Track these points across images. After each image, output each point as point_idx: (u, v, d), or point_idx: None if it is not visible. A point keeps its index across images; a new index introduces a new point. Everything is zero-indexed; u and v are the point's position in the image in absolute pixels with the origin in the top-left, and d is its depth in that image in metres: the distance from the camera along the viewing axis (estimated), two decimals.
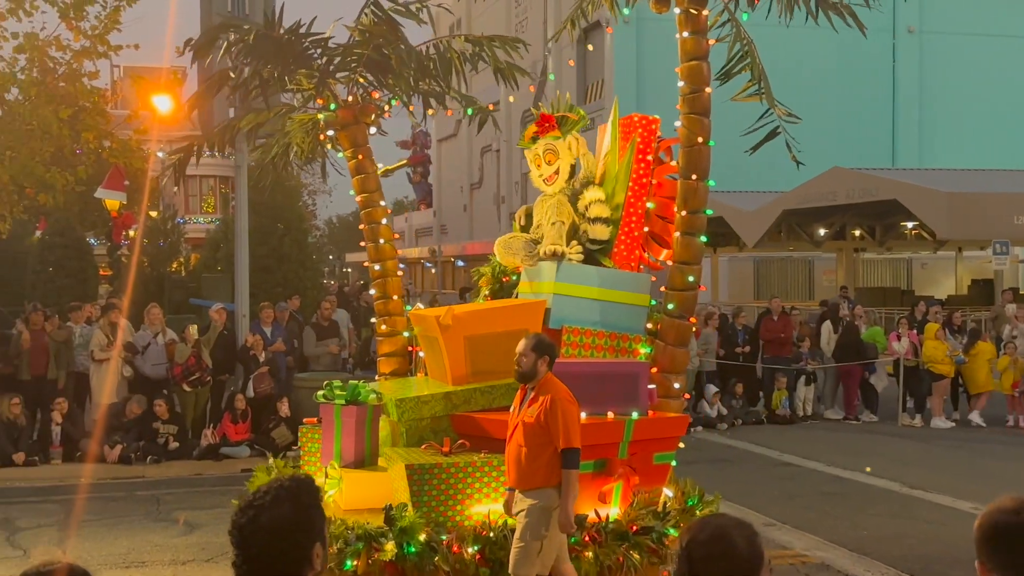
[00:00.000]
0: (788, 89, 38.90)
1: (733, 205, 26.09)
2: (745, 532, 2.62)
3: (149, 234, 27.35)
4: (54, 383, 14.20)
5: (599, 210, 8.12)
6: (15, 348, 14.31)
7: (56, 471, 12.68)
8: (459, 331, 7.54)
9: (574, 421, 6.16)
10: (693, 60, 7.73)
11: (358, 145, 9.03)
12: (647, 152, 8.33)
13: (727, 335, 17.42)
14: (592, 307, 7.84)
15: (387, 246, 9.15)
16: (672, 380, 7.77)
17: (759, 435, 15.70)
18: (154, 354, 14.27)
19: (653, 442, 7.31)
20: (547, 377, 6.28)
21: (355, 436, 7.77)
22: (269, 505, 2.72)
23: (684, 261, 7.77)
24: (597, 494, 6.95)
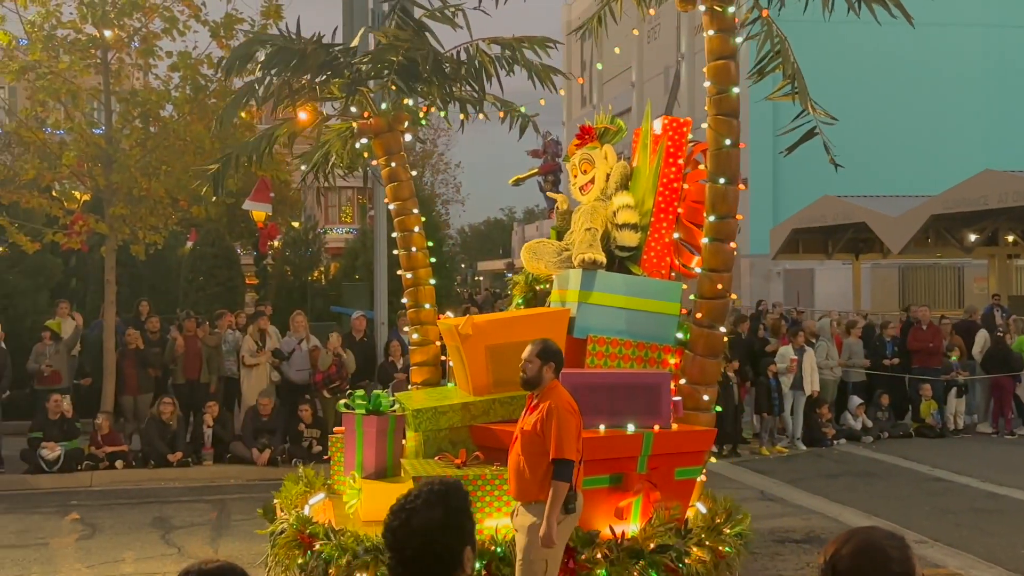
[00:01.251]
0: (933, 89, 37.24)
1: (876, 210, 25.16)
2: (896, 544, 2.46)
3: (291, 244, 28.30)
4: (206, 387, 14.86)
5: (627, 216, 7.96)
6: (170, 353, 15.02)
7: (207, 472, 13.21)
8: (480, 340, 7.35)
9: (569, 431, 5.80)
10: (720, 60, 7.45)
11: (391, 152, 8.98)
12: (678, 156, 8.10)
13: (873, 346, 16.85)
14: (618, 316, 7.56)
15: (419, 254, 9.05)
16: (701, 392, 7.47)
17: (907, 448, 15.10)
18: (299, 360, 14.74)
19: (675, 456, 6.97)
20: (551, 384, 6.01)
21: (376, 446, 7.70)
22: (421, 508, 2.74)
23: (713, 268, 7.50)
24: (613, 510, 6.67)
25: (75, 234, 14.75)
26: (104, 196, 14.62)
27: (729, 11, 7.39)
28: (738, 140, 7.47)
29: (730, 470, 13.73)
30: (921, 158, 34.94)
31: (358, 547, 6.54)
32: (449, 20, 8.93)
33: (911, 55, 35.28)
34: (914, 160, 35.79)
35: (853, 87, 35.50)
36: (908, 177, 34.40)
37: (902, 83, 35.59)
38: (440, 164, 46.20)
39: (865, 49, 34.82)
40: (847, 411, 16.02)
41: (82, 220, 14.62)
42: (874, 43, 34.90)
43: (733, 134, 7.40)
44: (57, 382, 14.14)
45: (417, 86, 8.68)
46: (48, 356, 14.21)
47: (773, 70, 8.21)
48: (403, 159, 9.07)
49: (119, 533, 10.18)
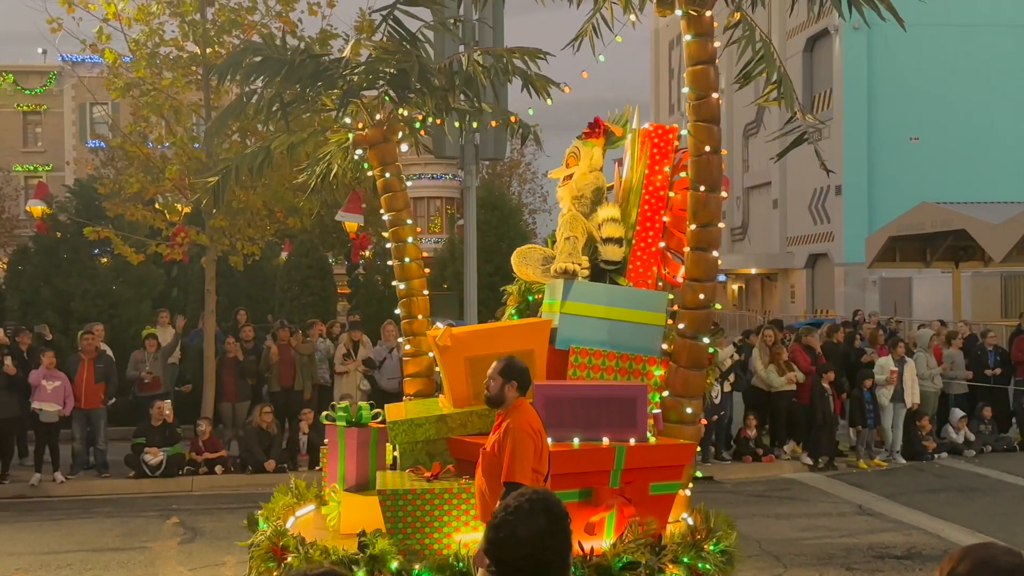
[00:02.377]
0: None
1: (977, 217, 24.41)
2: (1014, 561, 2.37)
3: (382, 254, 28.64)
4: (300, 394, 15.16)
5: (611, 230, 7.79)
6: (265, 362, 15.37)
7: (303, 478, 13.43)
8: (459, 352, 7.19)
9: (524, 454, 5.54)
10: (698, 64, 7.24)
11: (386, 163, 8.92)
12: (664, 163, 7.87)
13: (974, 356, 16.32)
14: (601, 326, 7.36)
15: (413, 265, 8.95)
16: (685, 404, 7.24)
17: (1011, 463, 14.57)
18: (390, 368, 14.92)
19: (651, 471, 6.74)
20: (516, 403, 5.77)
21: (357, 459, 7.59)
22: (524, 517, 2.75)
23: (695, 278, 7.29)
24: (583, 525, 6.45)
25: (177, 245, 15.24)
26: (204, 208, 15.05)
27: (706, 15, 7.22)
28: (719, 147, 7.29)
29: (826, 483, 13.44)
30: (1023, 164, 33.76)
31: (325, 560, 6.44)
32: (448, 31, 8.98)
33: (1013, 60, 34.13)
34: (1016, 166, 34.59)
35: (953, 92, 34.52)
36: (1010, 183, 33.27)
37: (1004, 88, 34.45)
38: (527, 174, 46.32)
39: (966, 54, 33.85)
40: (948, 424, 15.55)
41: (183, 232, 15.09)
42: (976, 48, 33.88)
43: (713, 140, 7.22)
44: (157, 388, 14.59)
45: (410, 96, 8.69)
46: (148, 363, 14.66)
47: (759, 75, 8.00)
48: (398, 169, 8.99)
49: (219, 537, 10.43)
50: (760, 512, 11.68)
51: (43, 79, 48.12)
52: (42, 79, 48.18)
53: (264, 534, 7.06)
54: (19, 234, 34.50)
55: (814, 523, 11.15)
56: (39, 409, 13.05)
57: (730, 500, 12.37)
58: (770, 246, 40.72)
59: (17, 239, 32.82)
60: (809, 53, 37.97)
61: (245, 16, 14.33)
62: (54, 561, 9.56)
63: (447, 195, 48.79)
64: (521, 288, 8.50)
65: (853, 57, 34.95)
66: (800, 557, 9.62)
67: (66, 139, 47.93)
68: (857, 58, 34.91)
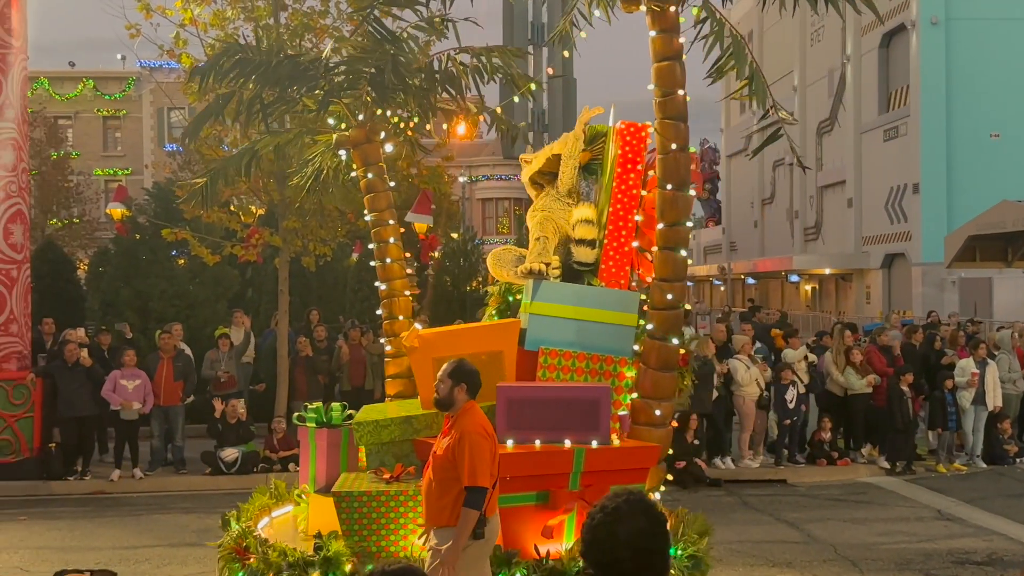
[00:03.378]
0: None
1: None
2: None
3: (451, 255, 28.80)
4: (371, 393, 15.31)
5: (583, 231, 7.70)
6: (336, 361, 15.56)
7: None
8: (427, 353, 7.16)
9: (482, 458, 5.55)
10: (664, 61, 7.10)
11: (369, 163, 8.90)
12: (637, 162, 7.71)
13: None
14: (570, 327, 7.25)
15: (395, 265, 8.94)
16: (654, 407, 7.08)
17: None
18: None
19: (613, 473, 6.59)
20: (466, 407, 5.74)
21: (328, 460, 7.54)
22: (625, 518, 2.71)
23: (663, 277, 7.16)
24: (540, 528, 6.38)
25: (251, 247, 15.50)
26: (278, 210, 15.29)
27: (671, 10, 7.10)
28: (686, 145, 7.17)
29: (904, 487, 13.14)
30: None
31: (282, 561, 6.45)
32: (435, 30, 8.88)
33: None
34: None
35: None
36: None
37: None
38: None
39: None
40: None
41: (258, 233, 15.34)
42: None
43: (680, 138, 7.10)
44: (232, 387, 14.85)
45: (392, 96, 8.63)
46: (223, 363, 14.94)
47: (730, 70, 7.84)
48: (381, 170, 8.98)
49: None
50: (835, 516, 11.47)
51: (122, 84, 49.39)
52: (121, 84, 49.45)
53: (231, 535, 7.07)
54: (99, 236, 35.46)
55: (892, 528, 10.90)
56: (120, 407, 13.39)
57: (804, 504, 12.17)
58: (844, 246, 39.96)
59: (98, 241, 33.75)
60: (885, 49, 37.17)
61: (317, 20, 14.53)
62: (133, 556, 9.78)
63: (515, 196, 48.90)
64: (502, 289, 8.44)
65: (930, 53, 34.13)
66: (877, 563, 9.42)
67: (144, 143, 49.13)
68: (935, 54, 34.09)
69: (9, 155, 13.63)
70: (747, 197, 52.93)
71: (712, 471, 13.52)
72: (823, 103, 42.07)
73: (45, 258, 19.12)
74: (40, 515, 11.61)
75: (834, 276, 42.15)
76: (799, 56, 44.57)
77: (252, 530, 7.02)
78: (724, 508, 11.83)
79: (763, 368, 14.20)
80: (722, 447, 14.08)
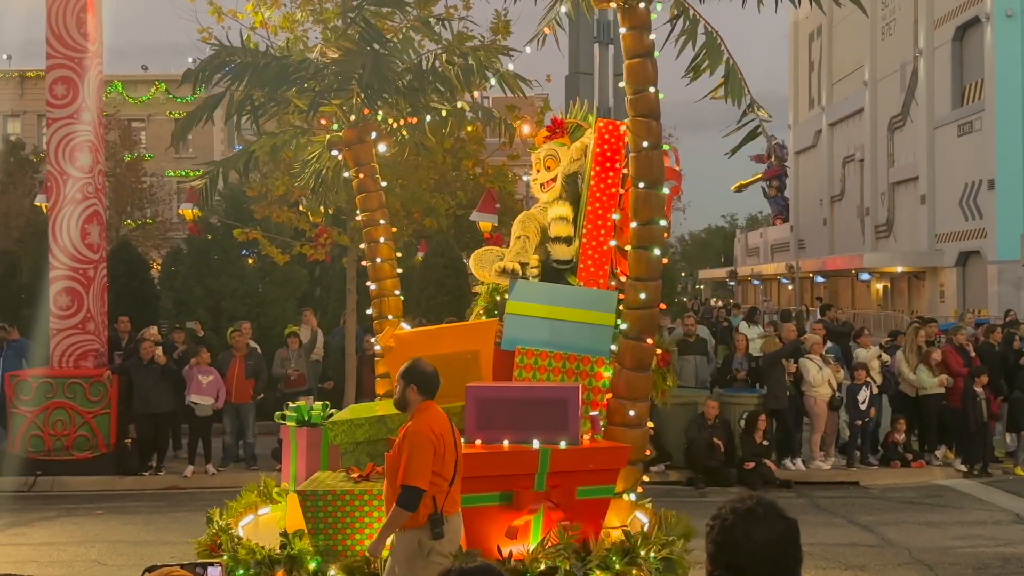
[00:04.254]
0: None
1: None
2: None
3: None
4: None
5: (558, 229, 7.67)
6: None
7: None
8: (403, 352, 7.16)
9: (420, 457, 5.52)
10: (635, 58, 6.98)
11: (361, 164, 8.90)
12: (616, 160, 7.57)
13: None
14: (546, 327, 7.17)
15: (386, 265, 8.96)
16: (628, 407, 6.95)
17: None
18: None
19: (581, 474, 6.46)
20: (420, 407, 5.75)
21: (307, 458, 7.53)
22: (761, 521, 2.65)
23: (637, 277, 7.03)
24: (504, 529, 6.30)
25: (320, 246, 15.69)
26: (345, 210, 15.44)
27: (640, 7, 6.99)
28: (658, 142, 7.06)
29: (981, 490, 12.82)
30: None
31: (250, 559, 6.50)
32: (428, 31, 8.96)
33: None
34: None
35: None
36: None
37: None
38: None
39: None
40: None
41: (326, 233, 15.51)
42: None
43: (652, 136, 6.99)
44: (302, 385, 15.04)
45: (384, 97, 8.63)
46: (292, 361, 15.14)
47: (706, 69, 7.72)
48: (373, 170, 8.97)
49: None
50: (909, 519, 11.23)
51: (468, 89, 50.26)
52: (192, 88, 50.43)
53: (210, 532, 7.15)
54: (172, 236, 36.21)
55: (968, 532, 10.64)
56: (195, 403, 13.65)
57: (877, 506, 11.94)
58: (917, 243, 39.13)
59: (170, 241, 34.47)
60: (958, 42, 36.32)
61: (384, 21, 14.62)
62: None
63: None
64: (489, 289, 8.42)
65: (1006, 46, 33.26)
66: (954, 567, 9.19)
67: (215, 145, 50.06)
68: (1010, 47, 33.21)
69: (86, 157, 13.99)
70: (816, 194, 52.13)
71: (782, 472, 13.33)
72: (894, 98, 41.24)
73: (120, 258, 19.56)
74: (116, 510, 11.89)
75: (906, 274, 41.33)
76: (870, 50, 43.76)
77: (228, 527, 7.11)
78: (795, 510, 11.53)
79: (836, 369, 13.94)
80: (792, 448, 13.87)
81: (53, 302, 13.96)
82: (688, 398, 13.92)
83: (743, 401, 13.88)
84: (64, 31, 13.88)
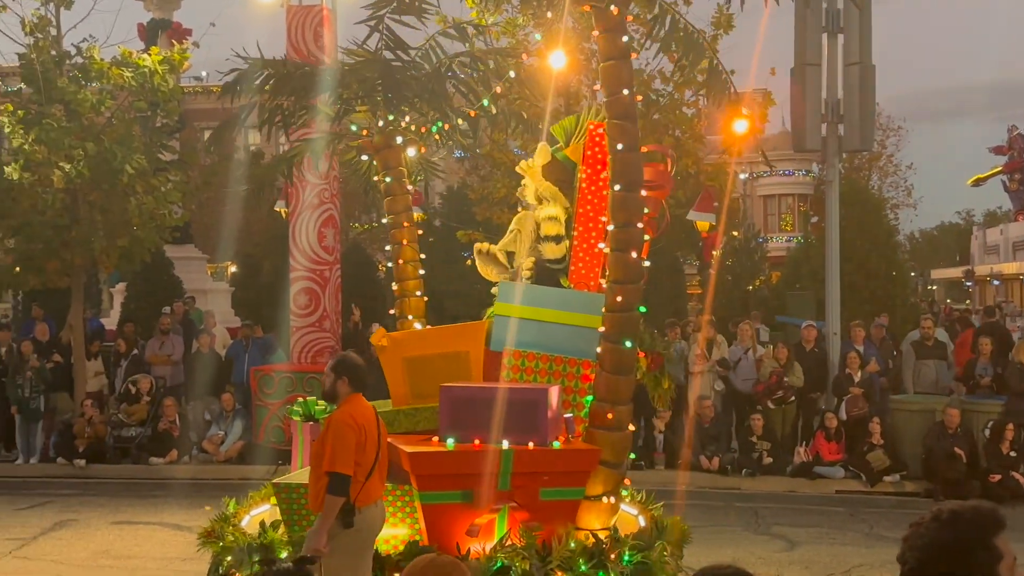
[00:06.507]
0: None
1: None
2: None
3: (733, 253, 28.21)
4: None
5: (549, 228, 7.83)
6: None
7: (660, 476, 13.53)
8: (397, 352, 7.49)
9: (344, 444, 5.83)
10: (609, 61, 6.94)
11: (390, 168, 9.07)
12: (606, 163, 7.42)
13: None
14: (534, 329, 7.33)
15: (408, 267, 9.11)
16: (607, 410, 6.77)
17: None
18: (745, 369, 14.64)
19: (545, 476, 6.55)
20: (348, 398, 6.07)
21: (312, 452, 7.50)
22: (966, 526, 2.63)
23: (615, 280, 6.89)
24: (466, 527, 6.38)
25: None
26: None
27: (612, 10, 6.86)
28: (634, 144, 6.91)
29: None
30: None
31: (235, 546, 6.80)
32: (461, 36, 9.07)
33: None
34: None
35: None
36: None
37: None
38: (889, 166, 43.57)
39: None
40: None
41: None
42: None
43: (627, 138, 6.85)
44: None
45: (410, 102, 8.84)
46: None
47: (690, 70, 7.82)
48: (401, 174, 9.14)
49: None
50: None
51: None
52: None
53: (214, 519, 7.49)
54: None
55: None
56: None
57: None
58: None
59: None
60: None
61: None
62: None
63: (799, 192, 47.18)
64: None
65: None
66: None
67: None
68: None
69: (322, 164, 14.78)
70: None
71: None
72: None
73: (351, 260, 20.57)
74: None
75: None
76: None
77: (227, 516, 7.47)
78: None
79: None
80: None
81: (293, 301, 14.87)
82: (926, 405, 13.18)
83: (988, 409, 12.98)
84: (303, 44, 14.73)
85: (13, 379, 14.63)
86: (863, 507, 12.02)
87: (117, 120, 14.91)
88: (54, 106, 14.05)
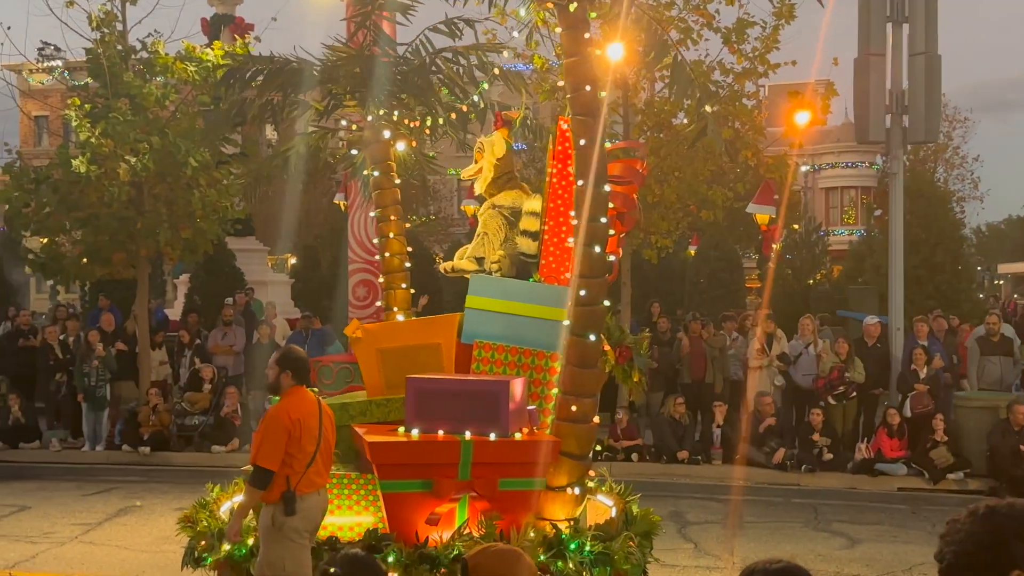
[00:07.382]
0: None
1: None
2: None
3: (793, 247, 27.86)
4: (711, 387, 15.18)
5: (527, 223, 7.94)
6: (676, 353, 15.56)
7: (717, 471, 13.44)
8: (371, 343, 7.60)
9: (272, 439, 5.99)
10: (571, 57, 7.01)
11: (378, 161, 9.09)
12: None
13: None
14: (502, 321, 7.44)
15: (395, 259, 9.12)
16: (572, 402, 6.83)
17: None
18: (805, 364, 14.45)
19: (503, 466, 6.64)
20: (290, 391, 6.20)
21: None
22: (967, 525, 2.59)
23: (580, 274, 6.96)
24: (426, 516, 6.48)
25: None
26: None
27: (572, 7, 6.93)
28: (596, 139, 6.90)
29: None
30: None
31: (207, 531, 6.96)
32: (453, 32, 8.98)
33: None
34: None
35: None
36: None
37: None
38: (955, 158, 42.67)
39: None
40: None
41: None
42: None
43: (589, 134, 6.89)
44: None
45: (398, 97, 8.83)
46: None
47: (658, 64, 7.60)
48: (389, 168, 9.15)
49: None
50: None
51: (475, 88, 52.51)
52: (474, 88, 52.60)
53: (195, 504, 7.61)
54: (453, 232, 37.96)
55: None
56: None
57: None
58: None
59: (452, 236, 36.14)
60: None
61: (663, 12, 14.57)
62: None
63: (862, 184, 46.42)
64: None
65: None
66: None
67: None
68: None
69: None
70: None
71: None
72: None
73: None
74: None
75: None
76: None
77: (206, 502, 7.60)
78: None
79: None
80: None
81: (351, 293, 15.02)
82: (990, 402, 12.90)
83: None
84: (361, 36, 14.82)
85: (80, 368, 14.98)
86: (926, 505, 11.81)
87: (181, 114, 15.16)
88: (120, 100, 14.31)
